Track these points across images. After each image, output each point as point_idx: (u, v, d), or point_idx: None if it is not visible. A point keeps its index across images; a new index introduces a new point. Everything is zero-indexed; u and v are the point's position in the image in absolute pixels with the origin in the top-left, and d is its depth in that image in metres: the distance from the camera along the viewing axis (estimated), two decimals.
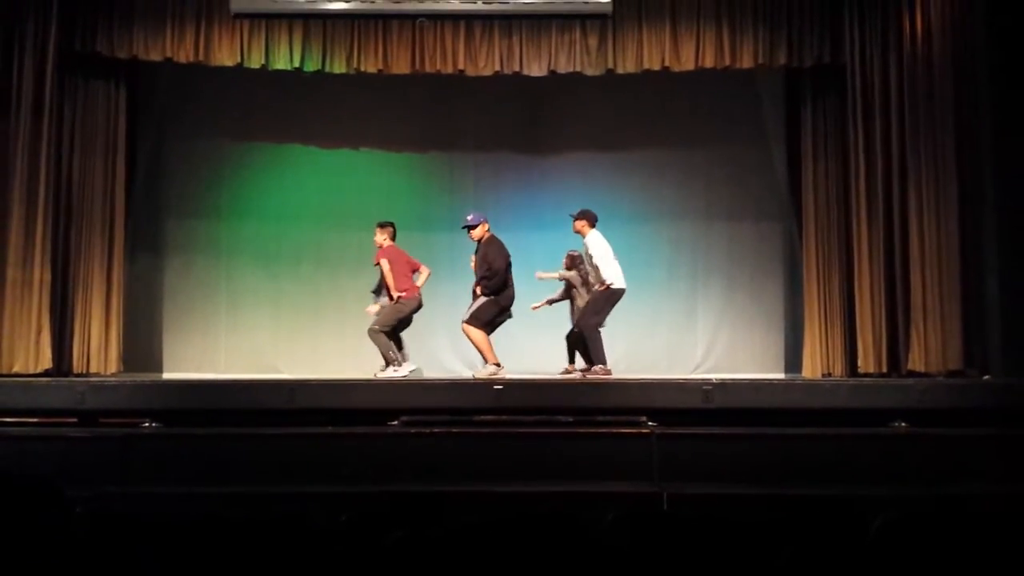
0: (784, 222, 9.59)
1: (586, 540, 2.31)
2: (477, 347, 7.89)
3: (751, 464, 5.88)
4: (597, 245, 8.01)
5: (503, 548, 1.95)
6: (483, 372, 7.72)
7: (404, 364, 7.92)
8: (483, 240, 7.98)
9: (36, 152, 8.17)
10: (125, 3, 8.42)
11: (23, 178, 8.11)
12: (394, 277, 8.00)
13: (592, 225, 8.11)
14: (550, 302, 8.49)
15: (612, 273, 7.93)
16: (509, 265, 7.90)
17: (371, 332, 7.94)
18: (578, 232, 8.13)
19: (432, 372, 8.72)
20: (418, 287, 8.15)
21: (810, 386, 7.62)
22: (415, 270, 8.21)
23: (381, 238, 8.16)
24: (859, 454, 6.00)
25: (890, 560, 2.28)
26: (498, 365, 7.73)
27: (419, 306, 8.13)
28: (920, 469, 5.83)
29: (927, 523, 2.39)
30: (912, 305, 7.91)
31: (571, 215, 8.18)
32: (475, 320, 7.82)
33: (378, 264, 8.07)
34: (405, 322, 8.10)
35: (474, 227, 8.01)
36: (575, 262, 8.34)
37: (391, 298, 8.01)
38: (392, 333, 8.02)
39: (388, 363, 7.86)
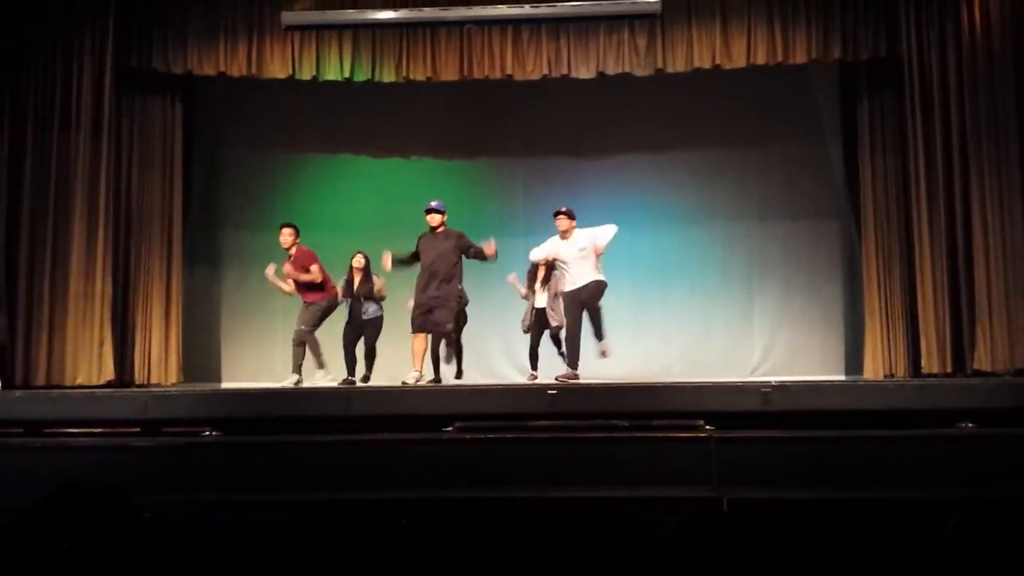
0: (841, 220, 9.43)
1: (649, 543, 2.27)
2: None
3: (812, 468, 5.74)
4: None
5: (565, 551, 1.92)
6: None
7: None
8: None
9: (96, 168, 8.37)
10: (179, 19, 8.61)
11: (84, 193, 8.32)
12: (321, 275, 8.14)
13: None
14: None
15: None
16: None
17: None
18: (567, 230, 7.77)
19: (485, 378, 8.71)
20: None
21: (873, 387, 7.45)
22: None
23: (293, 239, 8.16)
24: (925, 456, 5.82)
25: (967, 560, 2.20)
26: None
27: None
28: (988, 470, 5.65)
29: (1004, 521, 2.30)
30: (976, 302, 7.71)
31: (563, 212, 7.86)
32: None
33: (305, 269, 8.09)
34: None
35: (442, 212, 7.74)
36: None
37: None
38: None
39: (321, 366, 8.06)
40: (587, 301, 7.72)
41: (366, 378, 8.20)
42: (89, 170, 8.34)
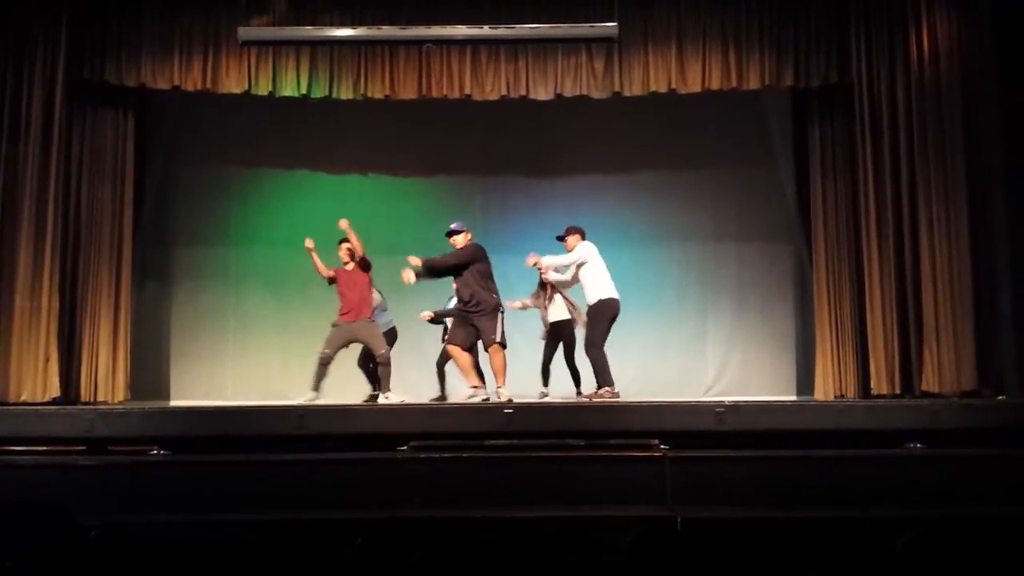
0: (794, 242, 9.57)
1: (603, 562, 2.27)
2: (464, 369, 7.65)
3: (765, 487, 5.80)
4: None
5: (527, 564, 1.91)
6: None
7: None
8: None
9: (45, 180, 8.21)
10: (133, 32, 8.50)
11: (31, 206, 8.14)
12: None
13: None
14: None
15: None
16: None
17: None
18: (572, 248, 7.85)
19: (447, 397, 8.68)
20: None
21: (824, 407, 7.56)
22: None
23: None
24: (874, 476, 5.92)
25: None
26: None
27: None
28: (936, 490, 5.76)
29: (953, 541, 2.34)
30: (924, 325, 7.86)
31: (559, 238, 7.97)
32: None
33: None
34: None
35: (458, 233, 7.73)
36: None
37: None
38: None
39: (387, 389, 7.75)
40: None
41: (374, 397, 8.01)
42: (37, 183, 8.17)
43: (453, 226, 7.83)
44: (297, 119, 9.58)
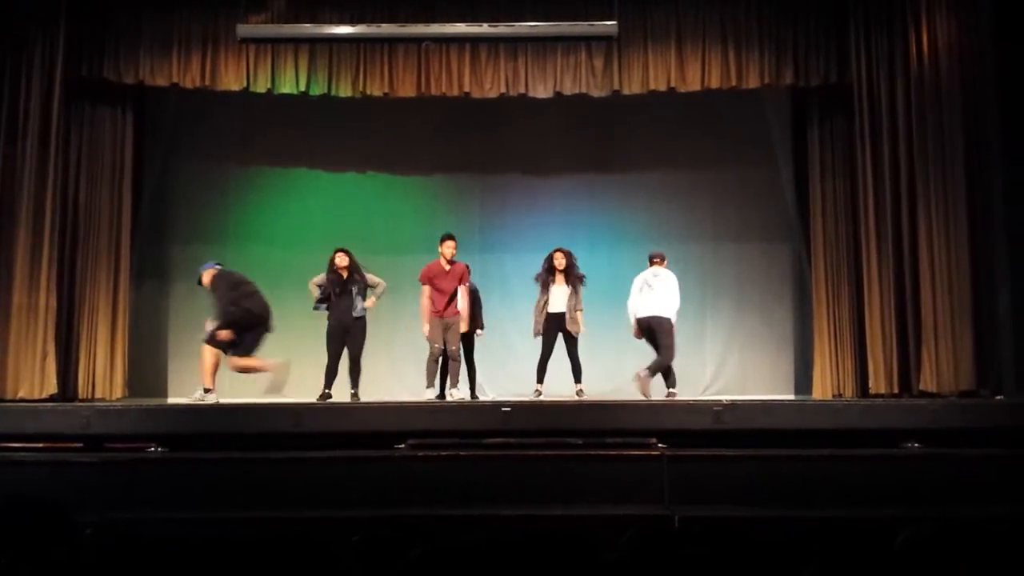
0: (792, 242, 9.57)
1: (600, 561, 2.27)
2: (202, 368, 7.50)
3: (763, 486, 5.81)
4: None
5: (524, 563, 1.91)
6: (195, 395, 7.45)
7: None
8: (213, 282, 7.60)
9: (43, 178, 8.19)
10: (132, 29, 8.48)
11: (30, 204, 8.13)
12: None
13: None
14: None
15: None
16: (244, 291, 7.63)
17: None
18: None
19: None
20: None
21: (822, 407, 7.57)
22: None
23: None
24: (872, 475, 5.94)
25: None
26: (208, 391, 7.40)
27: None
28: (933, 490, 5.76)
29: (950, 540, 2.33)
30: (923, 325, 7.87)
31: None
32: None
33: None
34: None
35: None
36: None
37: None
38: None
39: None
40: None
41: (355, 396, 7.90)
42: (36, 181, 8.16)
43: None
44: (295, 117, 9.56)
